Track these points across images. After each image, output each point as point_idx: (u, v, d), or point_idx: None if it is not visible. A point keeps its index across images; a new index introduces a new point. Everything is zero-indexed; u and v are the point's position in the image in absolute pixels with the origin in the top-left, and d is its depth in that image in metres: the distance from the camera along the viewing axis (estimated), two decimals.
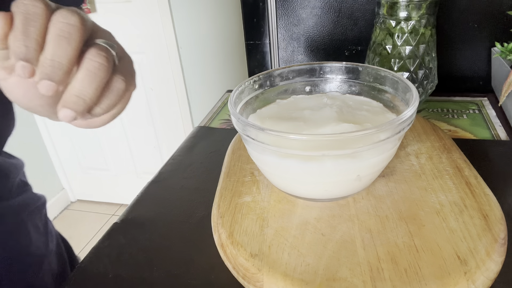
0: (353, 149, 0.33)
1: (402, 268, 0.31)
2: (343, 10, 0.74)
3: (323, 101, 0.45)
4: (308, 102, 0.46)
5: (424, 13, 0.55)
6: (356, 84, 0.46)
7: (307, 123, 0.40)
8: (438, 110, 0.65)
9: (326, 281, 0.31)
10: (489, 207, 0.36)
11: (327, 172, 0.35)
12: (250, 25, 0.79)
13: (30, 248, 0.40)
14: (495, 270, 0.32)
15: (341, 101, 0.45)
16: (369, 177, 0.37)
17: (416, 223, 0.35)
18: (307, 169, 0.35)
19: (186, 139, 0.62)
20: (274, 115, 0.44)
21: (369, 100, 0.45)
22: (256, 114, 0.44)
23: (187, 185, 0.50)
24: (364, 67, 0.45)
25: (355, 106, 0.44)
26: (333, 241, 0.34)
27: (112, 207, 1.94)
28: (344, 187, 0.37)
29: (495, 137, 0.56)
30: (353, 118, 0.40)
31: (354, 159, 0.34)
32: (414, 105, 0.35)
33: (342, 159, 0.34)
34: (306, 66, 0.47)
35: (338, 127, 0.38)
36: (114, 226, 0.44)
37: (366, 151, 0.33)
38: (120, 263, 0.39)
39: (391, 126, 0.33)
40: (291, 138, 0.32)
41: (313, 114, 0.42)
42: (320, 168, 0.35)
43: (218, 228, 0.38)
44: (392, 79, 0.42)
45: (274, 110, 0.45)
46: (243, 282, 0.34)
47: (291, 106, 0.46)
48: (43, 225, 0.43)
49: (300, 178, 0.37)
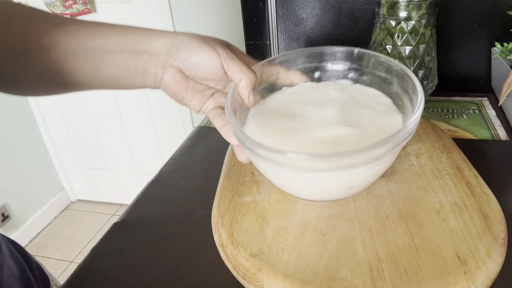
0: (344, 164, 0.31)
1: (402, 268, 0.31)
2: (343, 10, 0.74)
3: (329, 94, 0.43)
4: (314, 94, 0.43)
5: (424, 13, 0.55)
6: (367, 73, 0.43)
7: (306, 124, 0.39)
8: (438, 110, 0.65)
9: (326, 281, 0.31)
10: (489, 207, 0.36)
11: (317, 182, 0.35)
12: (250, 25, 0.79)
13: None
14: (495, 270, 0.32)
15: (348, 95, 0.42)
16: (363, 186, 0.37)
17: (416, 223, 0.35)
18: (296, 179, 0.35)
19: (186, 139, 0.62)
20: (276, 109, 0.42)
21: (379, 94, 0.42)
22: (258, 107, 0.43)
23: (187, 185, 0.50)
24: (377, 57, 0.42)
25: (362, 102, 0.41)
26: (333, 241, 0.34)
27: (112, 207, 1.94)
28: (336, 194, 0.37)
29: (495, 137, 0.56)
30: (355, 119, 0.38)
31: (345, 172, 0.32)
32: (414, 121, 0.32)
33: (332, 172, 0.33)
34: (317, 50, 0.45)
35: (337, 131, 0.36)
36: (114, 226, 0.44)
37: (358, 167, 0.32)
38: (120, 263, 0.39)
39: (386, 144, 0.31)
40: (280, 153, 0.31)
41: (314, 112, 0.40)
42: (310, 179, 0.34)
43: (218, 228, 0.38)
44: (401, 73, 0.39)
45: (278, 101, 0.43)
46: (243, 282, 0.34)
47: (295, 98, 0.43)
48: None
49: (291, 185, 0.37)
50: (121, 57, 0.37)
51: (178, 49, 0.36)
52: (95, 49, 0.36)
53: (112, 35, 0.37)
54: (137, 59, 0.37)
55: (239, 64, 0.36)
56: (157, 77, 0.38)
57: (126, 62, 0.37)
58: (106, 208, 1.94)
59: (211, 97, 0.41)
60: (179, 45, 0.37)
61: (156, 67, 0.37)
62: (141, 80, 0.38)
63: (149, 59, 0.37)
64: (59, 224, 1.86)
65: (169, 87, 0.38)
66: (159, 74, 0.38)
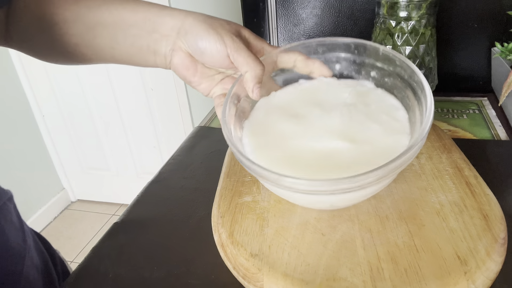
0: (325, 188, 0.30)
1: (402, 268, 0.31)
2: (343, 10, 0.74)
3: (343, 97, 0.40)
4: (327, 94, 0.41)
5: (424, 13, 0.55)
6: (390, 75, 0.40)
7: (306, 129, 0.38)
8: (438, 110, 0.64)
9: (326, 281, 0.31)
10: (489, 207, 0.36)
11: (297, 198, 0.35)
12: (250, 25, 0.79)
13: (8, 244, 0.39)
14: (495, 270, 0.32)
15: (363, 102, 0.40)
16: (347, 205, 0.36)
17: (416, 223, 0.35)
18: (280, 192, 0.34)
19: (186, 139, 0.62)
20: (283, 106, 0.41)
21: (398, 106, 0.39)
22: (267, 99, 0.41)
23: (187, 185, 0.50)
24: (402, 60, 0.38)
25: (374, 113, 0.38)
26: (333, 241, 0.34)
27: (112, 207, 1.94)
28: (320, 208, 0.38)
29: (495, 137, 0.56)
30: (357, 133, 0.36)
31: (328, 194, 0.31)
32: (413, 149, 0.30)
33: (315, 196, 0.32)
34: (340, 40, 0.42)
35: (332, 144, 0.35)
36: (114, 226, 0.44)
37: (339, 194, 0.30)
38: (120, 263, 0.39)
39: (368, 177, 0.28)
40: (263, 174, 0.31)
41: (319, 116, 0.39)
42: (291, 194, 0.33)
43: (218, 228, 0.38)
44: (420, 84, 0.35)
45: (288, 97, 0.42)
46: (243, 282, 0.34)
47: (306, 95, 0.41)
48: (17, 220, 0.42)
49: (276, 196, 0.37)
50: (134, 34, 0.38)
51: (186, 33, 0.37)
52: (111, 25, 0.37)
53: (127, 11, 0.37)
54: (148, 38, 0.37)
55: (246, 56, 0.36)
56: (166, 58, 0.39)
57: (138, 40, 0.38)
58: (106, 208, 1.93)
59: (219, 82, 0.40)
60: (187, 29, 0.37)
61: (166, 47, 0.38)
62: (152, 59, 0.39)
63: (160, 39, 0.37)
64: (59, 224, 1.85)
65: (177, 70, 0.38)
66: (168, 56, 0.38)
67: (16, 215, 0.42)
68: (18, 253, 0.40)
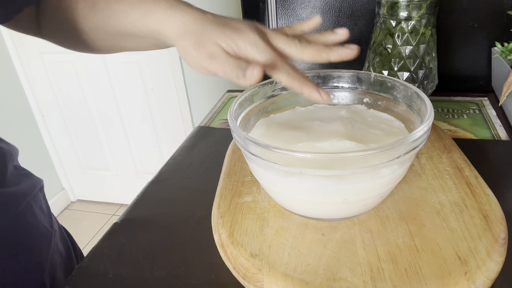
0: (336, 170, 0.30)
1: (403, 268, 0.31)
2: (343, 10, 0.74)
3: (340, 114, 0.42)
4: (325, 113, 0.43)
5: (424, 13, 0.55)
6: (384, 99, 0.42)
7: (309, 134, 0.38)
8: (438, 110, 0.64)
9: (326, 281, 0.31)
10: (490, 207, 0.36)
11: (307, 190, 0.33)
12: None
13: (38, 228, 0.43)
14: (495, 270, 0.32)
15: (360, 116, 0.42)
16: (361, 203, 0.34)
17: (416, 223, 0.35)
18: (287, 184, 0.34)
19: (186, 139, 0.62)
20: (283, 122, 0.42)
21: (392, 119, 0.41)
22: (267, 119, 0.43)
23: (187, 185, 0.50)
24: (398, 84, 0.40)
25: (372, 123, 0.41)
26: (333, 241, 0.34)
27: (112, 207, 1.94)
28: (331, 209, 0.35)
29: (496, 137, 0.56)
30: (360, 136, 0.37)
31: (340, 181, 0.32)
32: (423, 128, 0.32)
33: (325, 180, 0.32)
34: (333, 73, 0.44)
35: (338, 143, 0.36)
36: (114, 226, 0.44)
37: (351, 174, 0.30)
38: (120, 263, 0.39)
39: (383, 150, 0.29)
40: (271, 150, 0.31)
41: (321, 126, 0.40)
42: (301, 185, 0.33)
43: (218, 228, 0.38)
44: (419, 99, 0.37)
45: (287, 117, 0.43)
46: (243, 282, 0.34)
47: (305, 115, 0.43)
48: (46, 206, 0.46)
49: (281, 191, 0.36)
50: (137, 39, 0.40)
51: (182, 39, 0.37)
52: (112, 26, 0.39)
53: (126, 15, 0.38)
54: (151, 39, 0.39)
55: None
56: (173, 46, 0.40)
57: (143, 42, 0.41)
58: (106, 208, 1.94)
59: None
60: (183, 37, 0.37)
61: (171, 42, 0.38)
62: (159, 48, 0.42)
63: (162, 38, 0.38)
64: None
65: (184, 58, 0.38)
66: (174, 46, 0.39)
67: (45, 203, 0.47)
68: (45, 236, 0.43)
